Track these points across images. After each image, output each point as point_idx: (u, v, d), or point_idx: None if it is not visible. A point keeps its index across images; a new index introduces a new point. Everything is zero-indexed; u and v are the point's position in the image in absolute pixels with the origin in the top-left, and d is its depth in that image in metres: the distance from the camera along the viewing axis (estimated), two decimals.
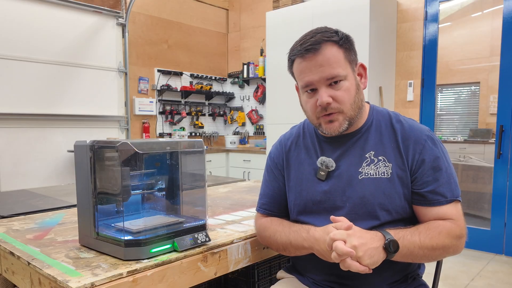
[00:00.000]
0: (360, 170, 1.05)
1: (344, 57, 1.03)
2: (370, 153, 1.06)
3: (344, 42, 1.03)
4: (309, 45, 1.01)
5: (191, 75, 5.00)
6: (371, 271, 0.88)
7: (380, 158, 1.05)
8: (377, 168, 1.04)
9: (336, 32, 1.04)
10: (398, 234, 0.93)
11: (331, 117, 1.03)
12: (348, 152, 1.08)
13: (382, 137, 1.07)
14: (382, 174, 1.03)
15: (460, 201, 1.02)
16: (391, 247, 0.90)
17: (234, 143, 5.05)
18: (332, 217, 0.97)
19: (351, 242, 0.88)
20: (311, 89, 1.04)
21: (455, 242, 0.96)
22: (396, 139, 1.05)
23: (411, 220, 1.05)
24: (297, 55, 1.04)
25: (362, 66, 1.10)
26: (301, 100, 1.12)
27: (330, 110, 1.02)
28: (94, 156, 0.99)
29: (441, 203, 1.00)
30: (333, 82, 1.01)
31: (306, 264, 1.12)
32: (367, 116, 1.11)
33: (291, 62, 1.08)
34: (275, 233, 1.09)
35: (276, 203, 1.18)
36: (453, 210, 1.00)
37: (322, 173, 1.09)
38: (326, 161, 1.09)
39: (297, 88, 1.14)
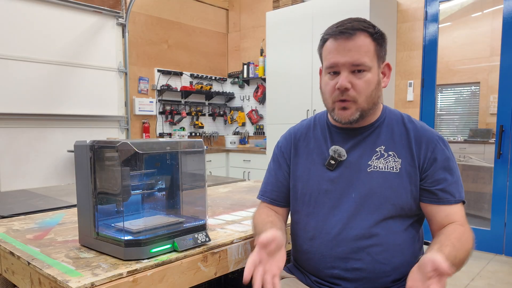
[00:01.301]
0: (369, 163, 1.06)
1: (374, 50, 1.04)
2: (381, 148, 1.07)
3: (378, 37, 1.05)
4: (345, 29, 1.03)
5: (191, 75, 5.00)
6: None
7: (390, 153, 1.06)
8: (386, 162, 1.05)
9: (373, 26, 1.06)
10: (448, 259, 0.85)
11: (345, 104, 1.04)
12: (359, 145, 1.09)
13: (394, 134, 1.08)
14: (391, 168, 1.04)
15: (464, 203, 1.04)
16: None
17: (234, 143, 5.05)
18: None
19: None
20: (333, 72, 1.05)
21: (473, 248, 0.97)
22: (408, 137, 1.07)
23: (416, 217, 1.07)
24: (330, 35, 1.05)
25: (388, 65, 1.11)
26: (321, 83, 1.13)
27: (346, 96, 1.03)
28: (94, 156, 0.99)
29: (450, 202, 1.01)
30: (357, 70, 1.02)
31: (307, 263, 1.13)
32: (380, 113, 1.12)
33: (323, 41, 1.09)
34: (255, 224, 1.12)
35: (279, 191, 1.19)
36: (461, 211, 1.02)
37: (333, 162, 1.10)
38: (339, 150, 1.10)
39: (320, 71, 1.16)
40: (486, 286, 2.68)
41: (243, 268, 1.18)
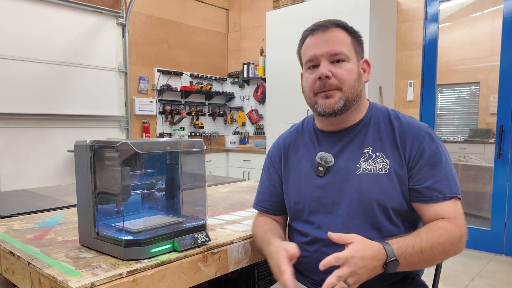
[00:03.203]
0: (358, 165, 1.05)
1: (351, 43, 1.07)
2: (368, 149, 1.06)
3: (353, 32, 1.09)
4: (320, 24, 1.07)
5: (191, 75, 5.00)
6: None
7: (378, 154, 1.05)
8: (374, 164, 1.04)
9: (347, 24, 1.10)
10: (401, 248, 0.90)
11: (328, 93, 1.05)
12: (346, 148, 1.08)
13: (381, 133, 1.07)
14: (380, 169, 1.03)
15: (459, 198, 1.01)
16: (391, 267, 0.89)
17: (234, 143, 5.05)
18: (329, 233, 0.93)
19: (350, 269, 0.85)
20: (313, 66, 1.07)
21: (455, 244, 0.95)
22: (394, 135, 1.05)
23: (408, 216, 1.05)
24: (308, 32, 1.09)
25: (367, 62, 1.13)
26: (302, 83, 1.14)
27: (328, 86, 1.04)
28: (94, 156, 0.99)
29: (438, 200, 0.98)
30: (336, 61, 1.04)
31: (304, 266, 1.12)
32: (366, 112, 1.11)
33: (302, 41, 1.12)
34: (255, 235, 1.13)
35: (271, 201, 1.20)
36: (452, 207, 0.98)
37: (321, 168, 1.09)
38: (326, 156, 1.09)
39: (301, 76, 1.17)
40: (486, 286, 2.68)
41: (243, 268, 1.18)
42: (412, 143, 1.02)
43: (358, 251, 0.87)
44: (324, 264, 0.87)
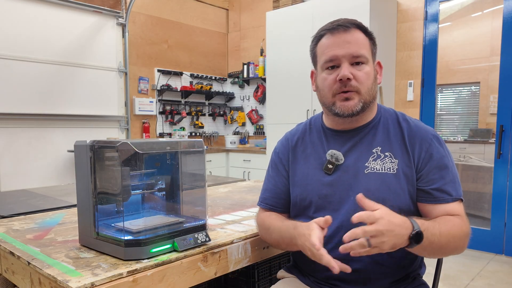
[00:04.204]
0: (366, 164, 1.06)
1: (369, 45, 1.07)
2: (377, 149, 1.07)
3: (370, 34, 1.09)
4: (341, 23, 1.05)
5: (191, 75, 5.00)
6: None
7: (386, 154, 1.06)
8: (383, 164, 1.05)
9: (365, 26, 1.10)
10: (423, 224, 0.90)
11: (348, 95, 1.04)
12: (355, 147, 1.09)
13: (389, 134, 1.08)
14: (388, 169, 1.04)
15: (462, 201, 1.03)
16: (416, 238, 0.87)
17: (234, 143, 5.05)
18: (358, 196, 0.92)
19: (377, 227, 0.84)
20: (332, 66, 1.06)
21: (463, 239, 0.97)
22: (403, 136, 1.07)
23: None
24: (327, 30, 1.07)
25: (379, 64, 1.14)
26: (316, 82, 1.12)
27: (349, 87, 1.04)
28: (94, 156, 0.99)
29: (446, 201, 1.01)
30: (356, 63, 1.04)
31: (307, 263, 1.12)
32: (375, 113, 1.12)
33: (318, 38, 1.10)
34: (269, 228, 1.10)
35: (278, 198, 1.18)
36: (458, 208, 1.01)
37: (330, 166, 1.09)
38: (336, 154, 1.09)
39: (312, 74, 1.16)
40: (486, 286, 2.68)
41: (243, 268, 1.18)
42: (421, 145, 1.04)
43: (388, 214, 0.87)
44: (349, 235, 0.86)
